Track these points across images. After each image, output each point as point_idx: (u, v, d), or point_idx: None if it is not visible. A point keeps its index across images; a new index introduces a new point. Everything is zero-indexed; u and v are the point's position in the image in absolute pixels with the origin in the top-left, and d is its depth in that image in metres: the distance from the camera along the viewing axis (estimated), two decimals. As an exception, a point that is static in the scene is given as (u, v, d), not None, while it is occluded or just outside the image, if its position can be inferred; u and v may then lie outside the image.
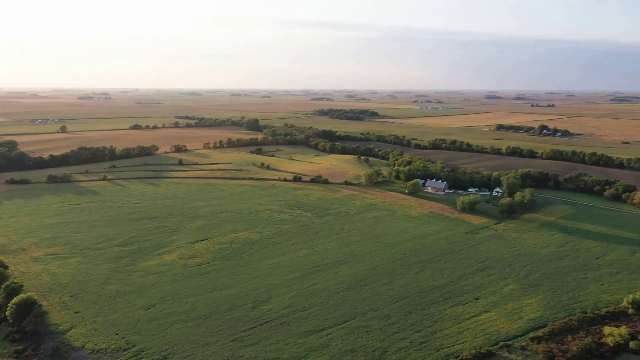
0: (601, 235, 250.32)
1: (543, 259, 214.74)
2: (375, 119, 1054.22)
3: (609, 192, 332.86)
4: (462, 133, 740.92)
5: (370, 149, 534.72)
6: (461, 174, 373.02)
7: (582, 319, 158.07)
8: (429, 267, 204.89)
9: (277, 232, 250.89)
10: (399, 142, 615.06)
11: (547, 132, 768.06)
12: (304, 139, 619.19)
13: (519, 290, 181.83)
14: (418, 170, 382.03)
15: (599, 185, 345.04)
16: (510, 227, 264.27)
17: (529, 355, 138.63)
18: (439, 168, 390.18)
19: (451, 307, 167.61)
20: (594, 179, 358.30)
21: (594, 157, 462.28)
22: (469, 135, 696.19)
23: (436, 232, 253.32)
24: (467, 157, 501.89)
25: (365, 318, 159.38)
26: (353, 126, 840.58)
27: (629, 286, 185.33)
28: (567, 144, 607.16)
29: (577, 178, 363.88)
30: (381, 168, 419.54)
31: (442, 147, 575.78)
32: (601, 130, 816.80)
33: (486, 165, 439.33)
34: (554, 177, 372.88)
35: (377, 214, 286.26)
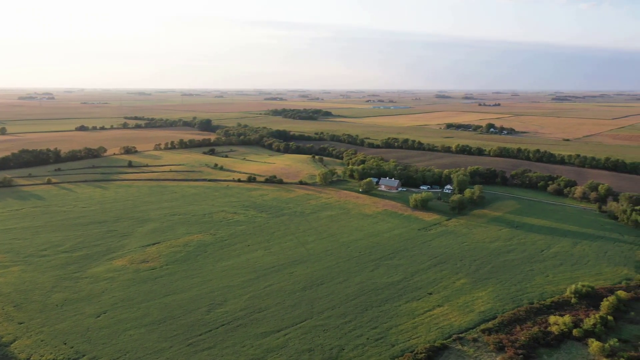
0: (545, 228, 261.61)
1: (492, 253, 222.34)
2: (329, 119, 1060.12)
3: (552, 187, 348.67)
4: (413, 132, 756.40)
5: (325, 148, 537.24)
6: (413, 172, 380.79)
7: (529, 310, 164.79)
8: (384, 264, 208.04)
9: (232, 233, 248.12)
10: (352, 141, 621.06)
11: (494, 130, 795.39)
12: (258, 139, 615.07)
13: (470, 284, 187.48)
14: (372, 169, 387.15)
15: (543, 181, 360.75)
16: (461, 222, 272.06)
17: (480, 346, 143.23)
18: (392, 166, 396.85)
19: (406, 303, 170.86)
20: (538, 174, 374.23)
21: (537, 154, 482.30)
22: (421, 134, 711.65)
23: (390, 230, 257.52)
24: (418, 156, 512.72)
25: (322, 317, 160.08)
26: (307, 126, 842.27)
27: (572, 277, 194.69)
28: (512, 141, 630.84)
29: (522, 174, 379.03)
30: (335, 167, 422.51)
31: (395, 145, 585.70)
32: (544, 128, 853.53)
33: (437, 163, 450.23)
34: (501, 174, 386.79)
35: (332, 213, 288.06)
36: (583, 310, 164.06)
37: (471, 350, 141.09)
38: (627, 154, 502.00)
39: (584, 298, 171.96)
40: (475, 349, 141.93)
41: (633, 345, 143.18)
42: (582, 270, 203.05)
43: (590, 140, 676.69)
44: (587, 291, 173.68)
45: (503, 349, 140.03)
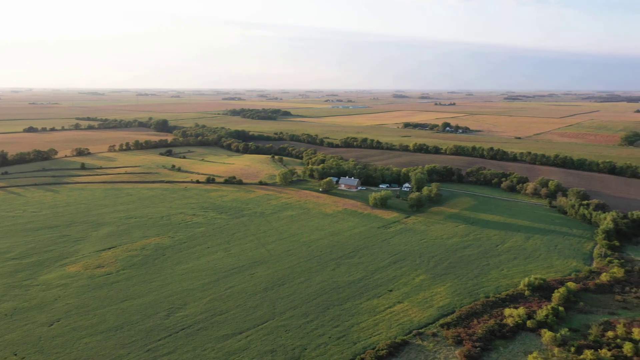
0: (500, 224, 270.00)
1: (449, 249, 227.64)
2: (288, 119, 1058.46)
3: (505, 183, 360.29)
4: (372, 131, 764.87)
5: (284, 148, 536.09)
6: (372, 171, 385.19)
7: (485, 303, 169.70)
8: (345, 262, 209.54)
9: (191, 235, 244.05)
10: (312, 141, 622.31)
11: (450, 129, 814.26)
12: (217, 140, 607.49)
13: (428, 280, 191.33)
14: (331, 168, 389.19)
15: (497, 178, 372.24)
16: (419, 220, 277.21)
17: (440, 340, 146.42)
18: (352, 166, 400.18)
19: (367, 301, 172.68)
20: (492, 172, 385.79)
21: (491, 152, 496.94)
22: (379, 133, 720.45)
23: (350, 229, 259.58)
24: (377, 155, 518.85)
25: (283, 317, 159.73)
26: (266, 126, 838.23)
27: (525, 270, 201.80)
28: (468, 140, 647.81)
29: (477, 172, 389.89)
30: (295, 167, 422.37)
31: (354, 145, 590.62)
32: (497, 126, 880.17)
33: (396, 162, 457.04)
34: (457, 172, 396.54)
35: (293, 213, 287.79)
36: (536, 302, 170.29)
37: (431, 345, 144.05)
38: (574, 151, 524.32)
39: (536, 290, 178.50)
40: (435, 343, 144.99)
41: (582, 334, 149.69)
42: (534, 264, 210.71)
43: (540, 138, 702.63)
44: (539, 284, 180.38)
45: (461, 342, 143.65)
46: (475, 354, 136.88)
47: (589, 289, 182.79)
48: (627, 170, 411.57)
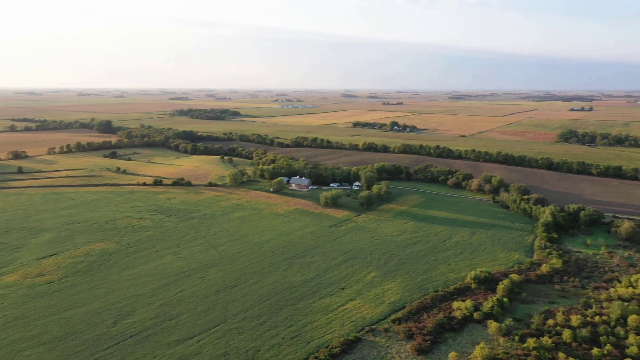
0: (447, 220, 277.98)
1: (399, 246, 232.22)
2: (238, 118, 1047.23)
3: (452, 180, 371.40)
4: (322, 131, 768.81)
5: (234, 148, 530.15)
6: (323, 170, 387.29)
7: (434, 297, 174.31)
8: (297, 262, 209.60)
9: (138, 240, 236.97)
10: (262, 141, 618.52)
11: (398, 128, 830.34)
12: (164, 141, 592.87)
13: (380, 277, 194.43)
14: (282, 168, 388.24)
15: (443, 175, 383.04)
16: (370, 218, 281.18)
17: (392, 336, 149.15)
18: (302, 165, 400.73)
19: (320, 300, 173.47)
20: (438, 169, 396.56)
21: (438, 150, 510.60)
22: (329, 133, 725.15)
23: (302, 228, 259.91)
24: (328, 154, 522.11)
25: (236, 320, 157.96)
26: (215, 126, 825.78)
27: (471, 264, 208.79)
28: (415, 138, 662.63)
29: (425, 169, 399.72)
30: (245, 167, 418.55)
31: (304, 144, 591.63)
32: (442, 125, 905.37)
33: (346, 161, 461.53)
34: (405, 170, 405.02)
35: (244, 214, 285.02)
36: (482, 294, 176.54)
37: (383, 340, 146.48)
38: (515, 148, 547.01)
39: (482, 283, 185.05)
40: (387, 338, 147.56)
41: (525, 323, 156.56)
42: (480, 257, 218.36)
43: (484, 136, 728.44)
44: (485, 276, 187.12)
45: (412, 336, 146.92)
46: (426, 347, 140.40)
47: (530, 280, 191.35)
48: (563, 166, 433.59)
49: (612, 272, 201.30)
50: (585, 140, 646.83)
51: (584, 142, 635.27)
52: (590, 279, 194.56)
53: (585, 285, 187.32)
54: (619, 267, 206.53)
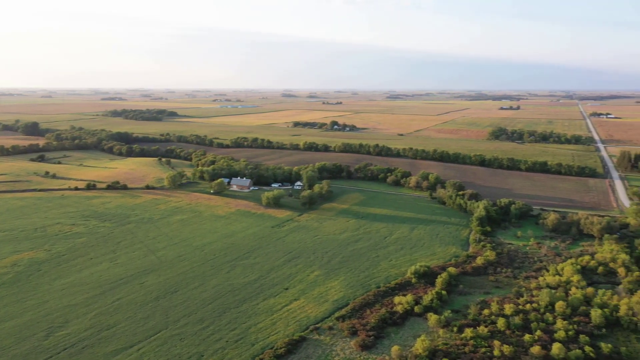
0: (387, 217, 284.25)
1: (342, 244, 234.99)
2: (175, 119, 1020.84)
3: (391, 178, 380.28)
4: (262, 131, 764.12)
5: (172, 150, 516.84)
6: (264, 171, 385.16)
7: (377, 293, 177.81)
8: (240, 264, 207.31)
9: (71, 247, 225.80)
10: (201, 141, 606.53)
11: (338, 127, 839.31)
12: (96, 143, 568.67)
13: (323, 276, 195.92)
14: (222, 169, 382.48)
15: (383, 173, 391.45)
16: (312, 217, 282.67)
17: (336, 333, 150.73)
18: (243, 166, 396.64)
19: (263, 301, 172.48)
20: (378, 167, 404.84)
21: (377, 148, 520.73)
22: (269, 133, 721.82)
23: (244, 229, 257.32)
24: (269, 154, 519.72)
25: (178, 326, 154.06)
26: (151, 127, 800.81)
27: (411, 259, 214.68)
28: (355, 137, 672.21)
29: (365, 168, 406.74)
30: (184, 169, 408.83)
31: (245, 145, 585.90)
32: (381, 124, 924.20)
33: (287, 161, 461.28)
34: (346, 168, 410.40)
35: (184, 217, 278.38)
36: (422, 288, 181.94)
37: (327, 338, 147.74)
38: (450, 146, 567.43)
39: (422, 277, 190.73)
40: (332, 336, 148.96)
41: (463, 314, 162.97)
42: (419, 252, 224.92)
43: (420, 134, 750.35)
44: (424, 271, 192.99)
45: (356, 333, 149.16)
46: (370, 343, 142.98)
47: (467, 272, 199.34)
48: (494, 162, 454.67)
49: (541, 261, 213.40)
50: (514, 137, 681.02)
51: (513, 139, 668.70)
52: (521, 269, 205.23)
53: (516, 275, 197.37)
54: (546, 257, 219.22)
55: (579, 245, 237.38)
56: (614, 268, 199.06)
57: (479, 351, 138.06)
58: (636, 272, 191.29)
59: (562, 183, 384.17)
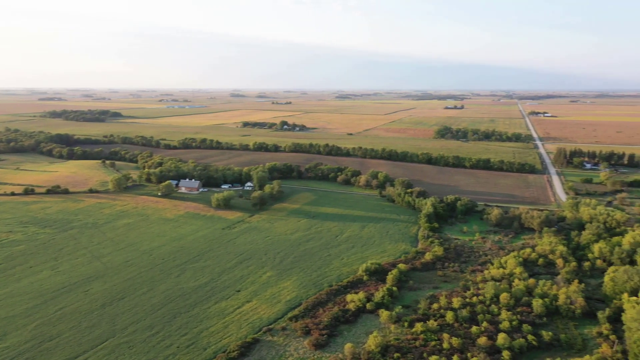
0: (338, 216, 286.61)
1: (293, 244, 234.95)
2: (119, 120, 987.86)
3: (341, 177, 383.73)
4: (211, 131, 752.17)
5: (116, 152, 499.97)
6: (214, 172, 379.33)
7: (329, 292, 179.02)
8: (190, 267, 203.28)
9: (8, 256, 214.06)
10: (147, 143, 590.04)
11: (288, 127, 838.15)
12: (34, 145, 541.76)
13: (275, 276, 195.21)
14: (170, 171, 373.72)
15: (333, 173, 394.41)
16: (263, 218, 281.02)
17: (289, 333, 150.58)
18: (192, 167, 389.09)
19: (215, 304, 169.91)
20: (328, 167, 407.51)
21: (327, 148, 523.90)
22: (218, 133, 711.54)
23: (194, 232, 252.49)
24: (218, 155, 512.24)
25: (126, 333, 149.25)
26: (94, 128, 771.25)
27: (362, 257, 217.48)
28: (305, 137, 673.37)
29: (315, 167, 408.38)
30: (130, 172, 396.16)
31: (193, 146, 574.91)
32: (330, 124, 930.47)
33: (237, 161, 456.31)
34: (296, 168, 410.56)
35: (130, 221, 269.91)
36: (373, 285, 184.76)
37: (281, 339, 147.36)
38: (398, 145, 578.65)
39: (373, 274, 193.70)
40: (285, 337, 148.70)
41: (413, 309, 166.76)
42: (370, 250, 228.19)
43: (369, 133, 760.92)
44: (375, 268, 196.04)
45: (309, 332, 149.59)
46: (323, 342, 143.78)
47: (416, 268, 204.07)
48: (440, 160, 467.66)
49: (486, 255, 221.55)
50: (458, 136, 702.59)
51: (457, 138, 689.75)
52: (467, 263, 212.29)
53: (463, 270, 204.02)
54: (491, 251, 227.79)
55: (520, 238, 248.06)
56: (553, 259, 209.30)
57: (429, 345, 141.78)
58: (573, 262, 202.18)
59: (504, 179, 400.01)
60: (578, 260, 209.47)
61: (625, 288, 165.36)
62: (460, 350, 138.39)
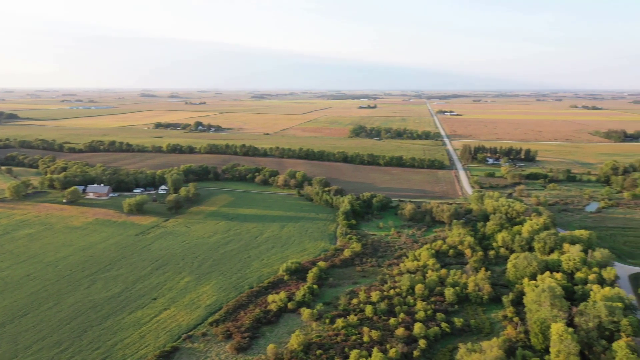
0: (257, 216, 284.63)
1: (212, 247, 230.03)
2: (16, 122, 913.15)
3: (259, 178, 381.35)
4: (120, 133, 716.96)
5: (13, 157, 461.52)
6: (125, 176, 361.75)
7: (250, 294, 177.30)
8: (101, 277, 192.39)
9: None
10: (49, 146, 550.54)
11: (203, 128, 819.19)
12: None
13: (194, 281, 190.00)
14: (76, 176, 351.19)
15: (251, 173, 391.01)
16: (180, 222, 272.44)
17: (210, 339, 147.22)
18: (100, 171, 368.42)
19: (130, 314, 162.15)
20: (246, 168, 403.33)
21: (244, 149, 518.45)
22: (129, 135, 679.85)
23: (104, 240, 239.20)
24: (129, 158, 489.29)
25: (30, 352, 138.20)
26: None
27: (282, 256, 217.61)
28: (221, 138, 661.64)
29: (232, 168, 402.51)
30: (30, 178, 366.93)
31: (101, 149, 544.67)
32: (247, 124, 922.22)
33: (149, 164, 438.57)
34: (213, 170, 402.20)
35: (32, 231, 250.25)
36: (294, 285, 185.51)
37: (201, 345, 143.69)
38: (315, 144, 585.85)
39: (294, 273, 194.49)
40: (205, 342, 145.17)
41: (334, 305, 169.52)
42: (290, 249, 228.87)
43: (286, 133, 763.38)
44: (295, 267, 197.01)
45: (231, 336, 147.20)
46: (245, 345, 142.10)
47: (336, 265, 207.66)
48: (356, 158, 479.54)
49: (401, 249, 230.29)
50: (372, 134, 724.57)
51: (371, 136, 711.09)
52: (384, 257, 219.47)
53: (380, 264, 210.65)
54: (406, 245, 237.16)
55: (432, 231, 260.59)
56: (462, 250, 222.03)
57: (350, 339, 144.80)
58: (480, 252, 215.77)
59: (416, 175, 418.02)
60: (484, 249, 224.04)
61: (526, 273, 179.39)
62: (380, 342, 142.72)
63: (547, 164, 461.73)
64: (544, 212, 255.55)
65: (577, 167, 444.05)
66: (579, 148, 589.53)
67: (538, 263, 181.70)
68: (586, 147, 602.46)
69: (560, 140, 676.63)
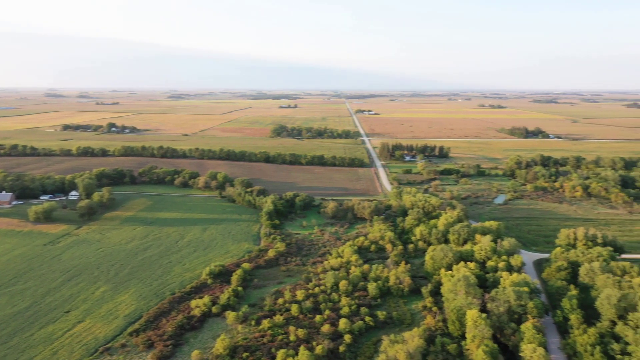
0: (178, 220, 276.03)
1: (129, 254, 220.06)
2: None
3: (179, 180, 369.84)
4: (23, 136, 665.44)
5: None
6: (29, 182, 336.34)
7: (172, 300, 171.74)
8: (5, 292, 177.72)
9: None
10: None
11: (116, 129, 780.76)
12: None
13: (110, 291, 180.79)
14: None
15: (170, 176, 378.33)
16: (93, 229, 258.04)
17: (130, 350, 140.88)
18: (1, 178, 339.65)
19: (40, 330, 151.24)
20: (164, 170, 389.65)
21: (162, 150, 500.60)
22: (33, 138, 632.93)
23: (8, 252, 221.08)
24: (34, 162, 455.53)
25: None
26: None
27: (205, 260, 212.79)
28: (136, 139, 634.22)
29: (150, 171, 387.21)
30: None
31: (1, 153, 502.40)
32: (164, 125, 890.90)
33: (58, 169, 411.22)
34: (129, 173, 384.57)
35: None
36: (218, 288, 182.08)
37: (120, 357, 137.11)
38: (236, 144, 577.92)
39: (217, 277, 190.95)
40: (125, 354, 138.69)
41: (260, 306, 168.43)
42: (213, 252, 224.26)
43: (206, 134, 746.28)
44: (219, 270, 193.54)
45: (152, 345, 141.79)
46: (168, 353, 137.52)
47: (260, 266, 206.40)
48: (278, 158, 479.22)
49: (325, 247, 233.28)
50: (294, 134, 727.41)
51: (293, 136, 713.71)
52: (308, 256, 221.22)
53: (305, 262, 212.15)
54: (329, 242, 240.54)
55: (354, 228, 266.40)
56: (383, 245, 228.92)
57: (276, 339, 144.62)
58: (399, 246, 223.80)
59: (337, 174, 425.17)
60: (404, 243, 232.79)
61: (442, 264, 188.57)
62: (307, 340, 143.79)
63: (459, 160, 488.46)
64: (457, 206, 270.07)
65: (485, 162, 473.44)
66: (487, 144, 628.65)
67: (453, 254, 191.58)
68: (493, 143, 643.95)
69: (470, 137, 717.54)
